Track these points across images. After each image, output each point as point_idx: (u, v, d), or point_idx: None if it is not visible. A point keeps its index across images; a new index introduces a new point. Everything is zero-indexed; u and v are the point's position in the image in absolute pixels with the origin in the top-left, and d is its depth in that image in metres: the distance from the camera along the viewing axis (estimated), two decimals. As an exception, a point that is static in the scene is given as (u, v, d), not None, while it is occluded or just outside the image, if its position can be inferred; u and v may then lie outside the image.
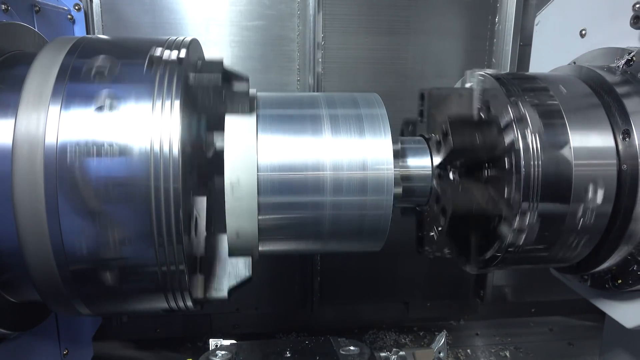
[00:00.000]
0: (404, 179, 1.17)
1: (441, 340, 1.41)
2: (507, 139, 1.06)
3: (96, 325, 1.92)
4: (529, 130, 1.04)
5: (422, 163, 1.20)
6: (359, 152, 1.07)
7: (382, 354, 1.27)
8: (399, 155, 1.18)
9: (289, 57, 1.98)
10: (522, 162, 1.02)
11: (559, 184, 1.04)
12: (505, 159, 1.07)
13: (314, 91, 1.98)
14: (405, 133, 1.38)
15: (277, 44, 1.97)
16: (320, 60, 1.96)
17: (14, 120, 0.93)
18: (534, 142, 1.04)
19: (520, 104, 1.08)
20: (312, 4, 1.91)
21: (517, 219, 1.04)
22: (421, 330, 2.34)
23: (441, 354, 1.40)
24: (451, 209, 1.10)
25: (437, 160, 1.18)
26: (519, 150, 1.03)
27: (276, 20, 1.94)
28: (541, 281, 2.14)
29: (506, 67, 2.04)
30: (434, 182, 1.18)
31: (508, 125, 1.06)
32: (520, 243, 1.07)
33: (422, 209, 1.27)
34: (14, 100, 0.96)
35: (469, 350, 2.26)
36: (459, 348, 2.26)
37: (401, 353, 1.28)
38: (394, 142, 1.10)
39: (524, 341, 2.33)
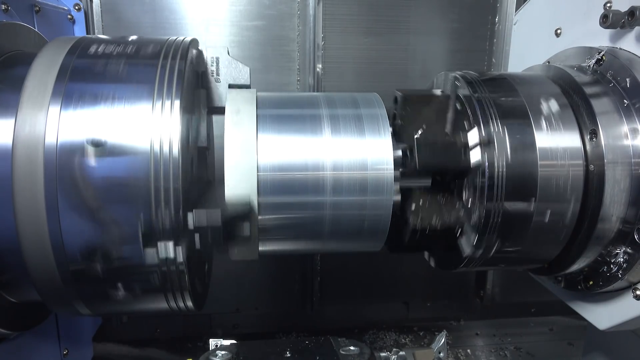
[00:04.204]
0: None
1: (441, 340, 1.41)
2: (471, 142, 1.07)
3: (96, 325, 1.92)
4: (491, 131, 1.04)
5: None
6: (359, 152, 1.07)
7: (382, 354, 1.27)
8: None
9: (289, 57, 1.98)
10: (486, 164, 1.02)
11: (523, 185, 1.04)
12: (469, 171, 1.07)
13: (314, 91, 1.98)
14: None
15: (277, 44, 1.97)
16: (320, 60, 1.96)
17: (14, 120, 0.93)
18: (497, 142, 1.04)
19: (484, 106, 1.08)
20: (312, 4, 1.91)
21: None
22: (421, 330, 2.34)
23: (441, 354, 1.40)
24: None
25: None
26: (482, 152, 1.03)
27: (276, 20, 1.94)
28: (541, 281, 2.15)
29: (506, 67, 2.04)
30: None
31: (471, 128, 1.07)
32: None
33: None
34: (14, 100, 0.96)
35: (469, 350, 2.26)
36: (459, 348, 2.26)
37: (401, 353, 1.28)
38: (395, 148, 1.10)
39: (524, 341, 2.34)
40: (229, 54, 1.19)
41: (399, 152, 1.11)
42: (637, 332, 1.47)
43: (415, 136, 1.10)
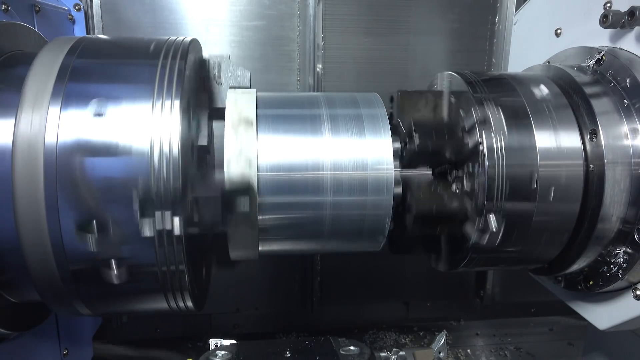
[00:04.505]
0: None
1: (441, 340, 1.41)
2: (471, 141, 1.07)
3: (96, 325, 1.92)
4: (492, 132, 1.04)
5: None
6: (359, 152, 1.07)
7: (382, 354, 1.27)
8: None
9: (289, 57, 1.98)
10: (486, 164, 1.02)
11: (523, 185, 1.04)
12: (470, 161, 1.07)
13: (314, 91, 1.98)
14: None
15: (277, 44, 1.97)
16: (320, 60, 1.96)
17: (14, 120, 0.93)
18: (498, 142, 1.04)
19: (484, 105, 1.07)
20: (312, 4, 1.91)
21: (481, 219, 1.04)
22: (421, 330, 2.34)
23: (441, 354, 1.40)
24: (416, 208, 1.10)
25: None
26: (483, 152, 1.03)
27: (276, 20, 1.94)
28: (541, 281, 2.15)
29: (506, 67, 2.04)
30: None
31: (472, 127, 1.06)
32: (485, 243, 1.06)
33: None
34: (14, 100, 0.96)
35: (469, 350, 2.26)
36: (459, 348, 2.26)
37: (401, 353, 1.28)
38: (394, 140, 1.10)
39: (524, 341, 2.34)
40: (230, 59, 1.19)
41: (397, 144, 1.11)
42: (637, 332, 1.47)
43: (413, 119, 1.11)
